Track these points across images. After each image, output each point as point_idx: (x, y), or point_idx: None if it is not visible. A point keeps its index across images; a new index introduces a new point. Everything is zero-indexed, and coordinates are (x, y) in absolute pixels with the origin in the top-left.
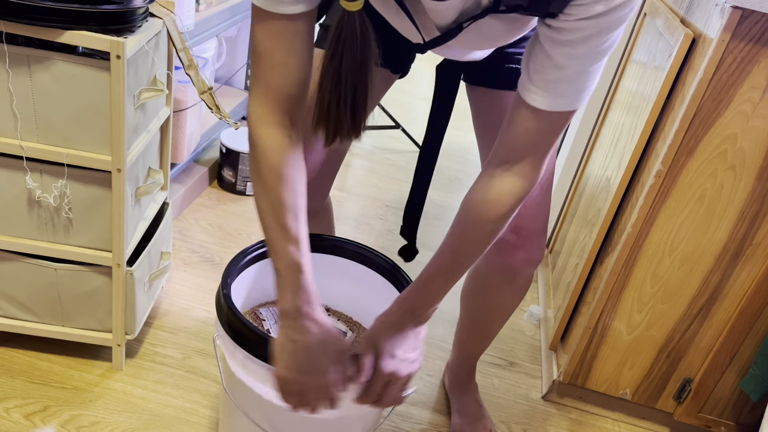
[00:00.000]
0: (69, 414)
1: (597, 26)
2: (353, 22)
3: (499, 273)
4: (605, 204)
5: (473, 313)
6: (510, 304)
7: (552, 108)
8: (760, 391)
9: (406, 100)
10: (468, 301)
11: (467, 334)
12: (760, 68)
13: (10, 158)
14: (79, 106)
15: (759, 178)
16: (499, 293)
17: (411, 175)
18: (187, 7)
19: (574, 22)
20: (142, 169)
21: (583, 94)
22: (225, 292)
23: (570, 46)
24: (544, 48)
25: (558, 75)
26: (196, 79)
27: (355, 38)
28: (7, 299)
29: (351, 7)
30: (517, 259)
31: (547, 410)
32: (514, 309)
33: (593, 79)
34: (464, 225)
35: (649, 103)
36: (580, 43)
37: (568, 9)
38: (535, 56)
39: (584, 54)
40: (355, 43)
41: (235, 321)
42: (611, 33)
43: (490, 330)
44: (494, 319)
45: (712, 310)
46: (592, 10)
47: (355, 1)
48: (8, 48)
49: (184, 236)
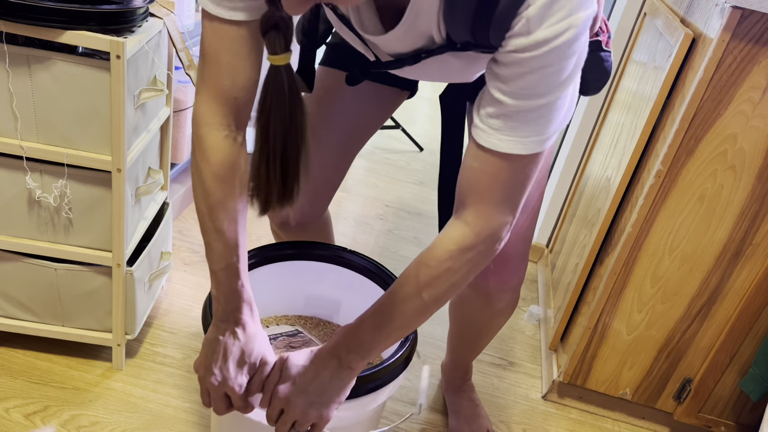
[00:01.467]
0: (69, 414)
1: (530, 64)
2: (281, 78)
3: (476, 295)
4: (605, 204)
5: (460, 327)
6: (492, 324)
7: (490, 146)
8: (760, 391)
9: (406, 100)
10: (454, 315)
11: (458, 342)
12: (760, 68)
13: (10, 158)
14: (79, 106)
15: (759, 178)
16: (479, 313)
17: (411, 175)
18: (187, 7)
19: (509, 54)
20: (142, 169)
21: (525, 139)
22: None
23: (504, 82)
24: (486, 82)
25: (497, 110)
26: (195, 80)
27: (283, 95)
28: (7, 299)
29: (277, 62)
30: (489, 284)
31: (547, 410)
32: (499, 328)
33: (537, 125)
34: (406, 269)
35: (649, 103)
36: (515, 78)
37: (505, 41)
38: (483, 91)
39: (518, 91)
40: (283, 101)
41: None
42: (545, 70)
43: (478, 343)
44: (480, 335)
45: (712, 310)
46: (517, 42)
47: (281, 54)
48: (8, 48)
49: (184, 236)
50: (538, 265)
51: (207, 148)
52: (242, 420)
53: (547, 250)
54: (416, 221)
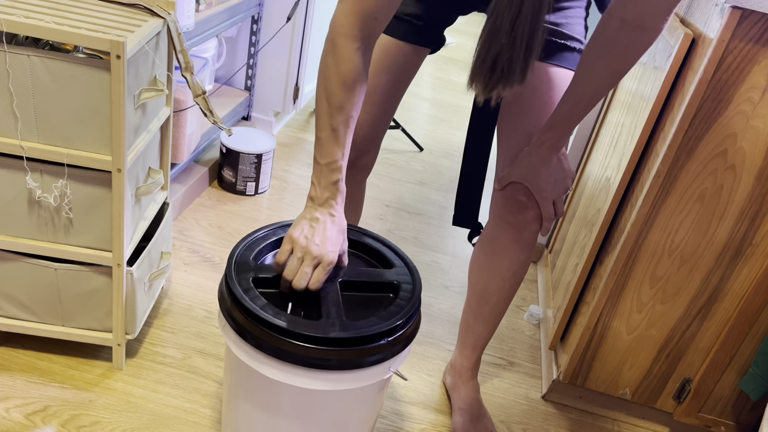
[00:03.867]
0: (69, 414)
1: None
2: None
3: (508, 228)
4: (605, 204)
5: (482, 285)
6: (516, 266)
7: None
8: (760, 390)
9: (407, 100)
10: (476, 271)
11: (474, 316)
12: (760, 68)
13: (11, 158)
14: (79, 106)
15: (759, 178)
16: (507, 251)
17: (411, 175)
18: (187, 7)
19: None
20: (142, 169)
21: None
22: (229, 280)
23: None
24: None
25: None
26: (191, 82)
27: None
28: (7, 299)
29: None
30: (528, 215)
31: (547, 410)
32: (520, 276)
33: None
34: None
35: (648, 103)
36: None
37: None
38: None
39: None
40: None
41: (238, 314)
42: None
43: (497, 307)
44: (501, 288)
45: (711, 310)
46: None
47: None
48: (8, 48)
49: (184, 236)
50: (537, 265)
51: (340, 56)
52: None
53: (546, 250)
54: (416, 221)
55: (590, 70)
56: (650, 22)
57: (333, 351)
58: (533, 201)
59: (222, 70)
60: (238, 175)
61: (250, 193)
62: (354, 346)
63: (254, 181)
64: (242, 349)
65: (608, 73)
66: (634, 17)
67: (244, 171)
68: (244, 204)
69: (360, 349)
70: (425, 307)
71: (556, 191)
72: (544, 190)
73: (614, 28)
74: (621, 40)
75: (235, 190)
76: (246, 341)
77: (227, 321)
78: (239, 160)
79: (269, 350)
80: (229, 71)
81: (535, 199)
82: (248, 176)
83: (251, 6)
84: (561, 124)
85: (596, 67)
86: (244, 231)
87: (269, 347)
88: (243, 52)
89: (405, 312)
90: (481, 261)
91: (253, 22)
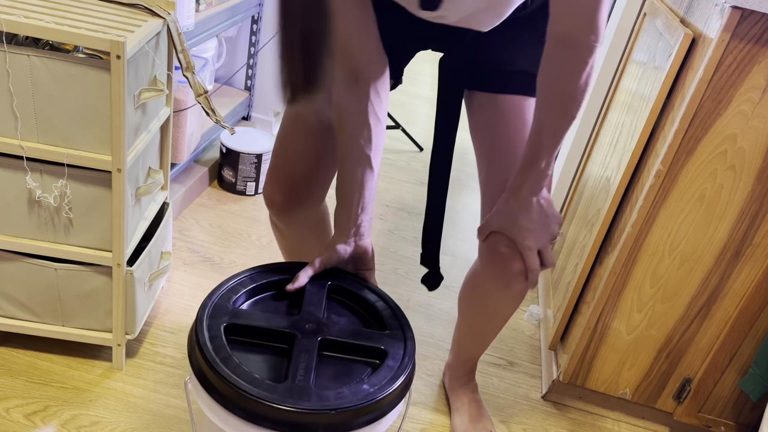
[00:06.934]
0: (69, 414)
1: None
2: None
3: (497, 278)
4: (605, 204)
5: (470, 318)
6: (506, 310)
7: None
8: (760, 390)
9: (406, 100)
10: (465, 306)
11: (465, 337)
12: (759, 68)
13: (11, 158)
14: (79, 106)
15: (759, 178)
16: (494, 298)
17: (411, 175)
18: (187, 7)
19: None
20: (142, 169)
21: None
22: (199, 331)
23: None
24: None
25: None
26: (192, 82)
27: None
28: (7, 299)
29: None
30: (514, 267)
31: (547, 410)
32: (510, 314)
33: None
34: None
35: (648, 103)
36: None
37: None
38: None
39: None
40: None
41: (207, 370)
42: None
43: (487, 335)
44: (491, 324)
45: (711, 310)
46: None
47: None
48: (8, 48)
49: (184, 236)
50: None
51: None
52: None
53: None
54: (416, 221)
55: (541, 95)
56: (579, 37)
57: (284, 413)
58: (517, 252)
59: (222, 70)
60: (238, 175)
61: (250, 193)
62: (307, 419)
63: (254, 181)
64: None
65: (556, 96)
66: (562, 35)
67: (244, 171)
68: (244, 204)
69: (311, 422)
70: (425, 307)
71: (540, 240)
72: (526, 239)
73: (548, 49)
74: (556, 60)
75: (235, 190)
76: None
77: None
78: (239, 160)
79: (218, 398)
80: (229, 71)
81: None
82: (248, 176)
83: (251, 6)
84: (533, 162)
85: (544, 92)
86: (244, 231)
87: (220, 396)
88: (243, 52)
89: (381, 387)
90: (470, 299)
91: (253, 22)
